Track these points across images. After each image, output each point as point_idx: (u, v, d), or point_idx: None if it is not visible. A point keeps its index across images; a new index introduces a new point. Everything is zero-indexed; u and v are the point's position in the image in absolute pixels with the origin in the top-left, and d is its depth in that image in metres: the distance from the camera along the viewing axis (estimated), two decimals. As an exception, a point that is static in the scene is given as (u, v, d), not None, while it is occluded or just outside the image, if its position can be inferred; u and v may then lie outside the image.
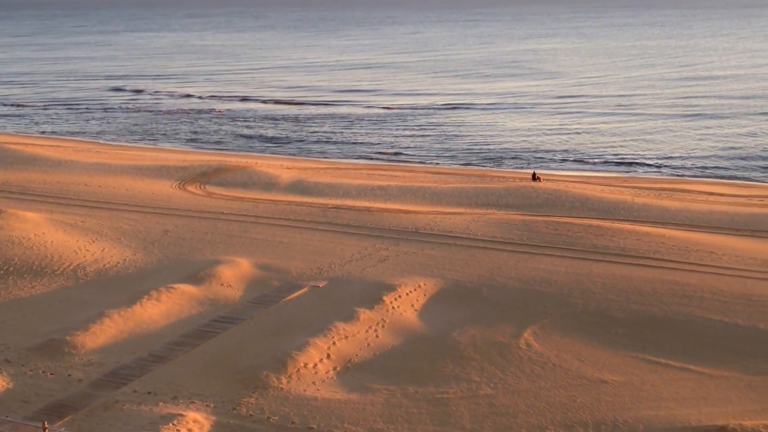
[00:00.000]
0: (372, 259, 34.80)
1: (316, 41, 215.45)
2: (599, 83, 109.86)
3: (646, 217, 41.18)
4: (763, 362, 24.76)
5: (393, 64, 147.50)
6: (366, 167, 60.70)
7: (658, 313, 28.29)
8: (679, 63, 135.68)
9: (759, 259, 33.67)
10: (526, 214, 42.40)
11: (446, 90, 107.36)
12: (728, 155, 63.47)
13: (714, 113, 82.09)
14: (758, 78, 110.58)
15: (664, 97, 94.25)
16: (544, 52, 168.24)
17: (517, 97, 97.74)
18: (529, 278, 31.81)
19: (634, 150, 67.19)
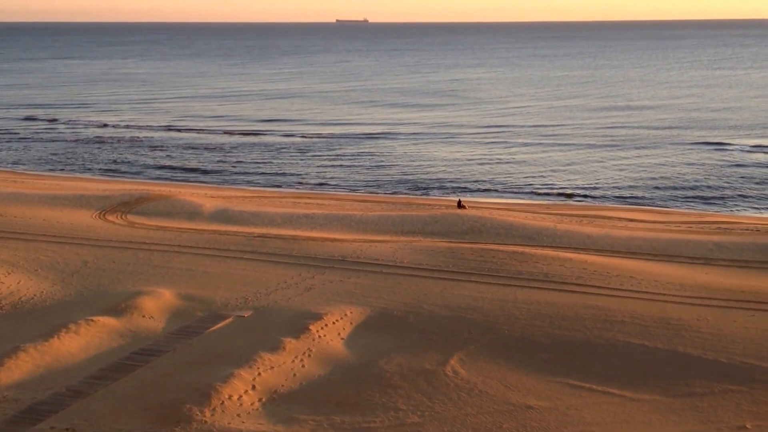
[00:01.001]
0: (298, 287, 34.51)
1: (243, 69, 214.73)
2: (523, 113, 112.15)
3: (569, 244, 41.93)
4: (682, 385, 25.31)
5: (320, 92, 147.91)
6: (292, 195, 60.44)
7: (581, 337, 28.72)
8: (599, 93, 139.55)
9: (676, 283, 34.57)
10: (452, 241, 42.73)
11: (373, 119, 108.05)
12: (646, 183, 65.32)
13: (633, 143, 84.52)
14: (675, 108, 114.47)
15: (585, 127, 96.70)
16: (470, 81, 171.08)
17: (444, 127, 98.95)
18: (455, 305, 31.97)
19: (557, 179, 68.59)
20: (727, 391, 24.80)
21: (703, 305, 31.69)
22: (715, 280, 35.27)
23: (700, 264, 38.21)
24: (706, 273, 36.56)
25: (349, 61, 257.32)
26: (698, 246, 40.82)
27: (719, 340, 28.16)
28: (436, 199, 59.73)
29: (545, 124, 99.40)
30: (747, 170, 69.23)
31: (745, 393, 24.64)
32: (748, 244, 40.80)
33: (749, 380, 25.40)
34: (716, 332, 28.76)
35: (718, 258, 39.06)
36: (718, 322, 29.65)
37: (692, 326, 29.29)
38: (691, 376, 25.84)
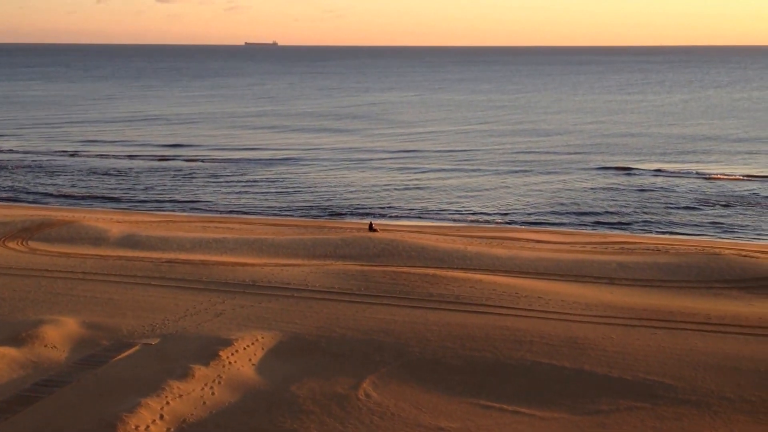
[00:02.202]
0: (208, 313, 33.90)
1: (153, 92, 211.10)
2: (435, 137, 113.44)
3: (479, 265, 42.51)
4: (588, 402, 25.86)
5: (232, 116, 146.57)
6: (202, 220, 59.48)
7: (491, 358, 29.07)
8: (508, 118, 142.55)
9: (582, 303, 35.43)
10: (364, 264, 42.77)
11: (286, 143, 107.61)
12: (552, 206, 66.96)
13: (540, 168, 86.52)
14: (580, 133, 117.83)
15: (494, 152, 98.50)
16: (383, 105, 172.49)
17: (356, 152, 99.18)
18: (367, 328, 31.95)
19: (467, 203, 69.62)
20: (631, 407, 25.46)
21: (608, 324, 32.56)
22: (618, 299, 36.30)
23: (604, 283, 39.28)
24: (611, 292, 37.61)
25: (261, 84, 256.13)
26: (602, 266, 41.98)
27: (623, 357, 28.93)
28: (347, 223, 59.76)
29: (456, 149, 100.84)
30: (648, 194, 71.73)
31: (649, 409, 25.34)
32: (649, 264, 42.18)
33: (652, 396, 26.15)
34: (621, 350, 29.55)
35: (621, 277, 40.24)
36: (622, 341, 30.48)
37: (598, 345, 30.02)
38: (597, 393, 26.45)
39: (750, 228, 58.95)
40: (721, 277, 39.85)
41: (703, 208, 65.25)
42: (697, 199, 68.58)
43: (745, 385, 26.72)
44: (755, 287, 38.48)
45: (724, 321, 32.77)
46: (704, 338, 30.77)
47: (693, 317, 33.29)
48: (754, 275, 39.99)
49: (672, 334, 31.29)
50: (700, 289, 38.47)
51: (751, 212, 63.69)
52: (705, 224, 60.35)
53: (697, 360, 28.67)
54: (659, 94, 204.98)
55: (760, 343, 30.26)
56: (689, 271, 40.79)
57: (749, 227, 59.15)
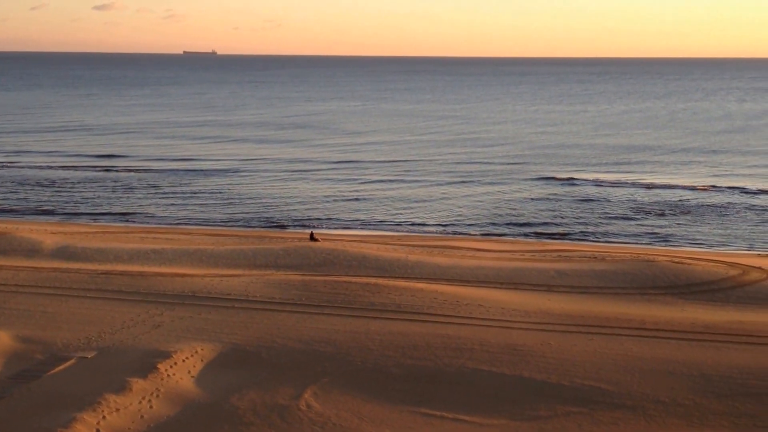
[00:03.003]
0: (145, 325, 33.39)
1: (91, 101, 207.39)
2: (376, 147, 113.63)
3: (420, 274, 42.73)
4: (528, 408, 26.19)
5: (173, 125, 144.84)
6: (140, 230, 58.57)
7: (433, 366, 29.24)
8: (449, 128, 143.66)
9: (521, 310, 35.87)
10: (305, 273, 42.64)
11: (227, 153, 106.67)
12: (492, 215, 67.78)
13: (480, 178, 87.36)
14: (520, 143, 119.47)
15: (435, 162, 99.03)
16: (325, 114, 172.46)
17: (297, 162, 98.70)
18: (309, 338, 31.85)
19: (409, 212, 69.99)
20: (569, 413, 25.86)
21: (547, 330, 33.03)
22: (557, 306, 36.87)
23: (543, 291, 39.84)
24: (549, 299, 38.17)
25: (201, 93, 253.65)
26: (541, 274, 42.59)
27: (562, 364, 29.38)
28: (288, 233, 59.53)
29: (398, 159, 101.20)
30: (585, 203, 73.06)
31: (586, 414, 25.78)
32: (586, 271, 42.94)
33: (589, 402, 26.61)
34: (559, 356, 30.00)
35: (559, 285, 40.86)
36: (560, 347, 30.95)
37: (537, 351, 30.44)
38: (536, 399, 26.81)
39: (682, 236, 60.46)
40: (655, 284, 40.77)
41: (639, 217, 66.72)
42: (633, 208, 70.09)
43: (678, 389, 27.37)
44: (687, 293, 39.48)
45: (658, 326, 33.53)
46: (639, 343, 31.43)
47: (628, 323, 33.98)
48: (686, 281, 41.02)
49: (608, 339, 31.88)
50: (635, 295, 39.30)
51: (684, 220, 65.35)
52: (640, 232, 61.69)
53: (632, 365, 29.26)
54: (598, 105, 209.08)
55: (693, 347, 31.03)
56: (625, 278, 41.65)
57: (682, 235, 60.67)
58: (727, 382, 27.76)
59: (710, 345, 31.22)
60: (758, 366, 28.89)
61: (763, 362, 29.23)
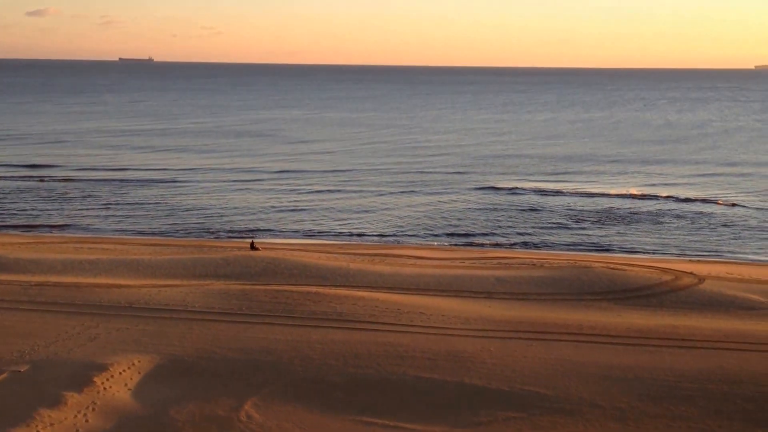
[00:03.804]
0: (81, 338, 32.68)
1: (25, 108, 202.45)
2: (318, 158, 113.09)
3: (361, 282, 42.73)
4: (469, 414, 26.38)
5: (111, 133, 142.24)
6: (75, 240, 57.32)
7: (374, 374, 29.24)
8: (390, 138, 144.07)
9: (462, 317, 36.14)
10: (245, 283, 42.27)
11: (167, 162, 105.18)
12: (433, 224, 68.19)
13: (421, 187, 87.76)
14: (460, 152, 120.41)
15: (377, 172, 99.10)
16: (266, 122, 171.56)
17: (239, 172, 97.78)
18: (249, 348, 31.57)
19: (349, 221, 70.00)
20: (509, 418, 26.13)
21: (487, 337, 33.33)
22: (496, 312, 37.23)
23: (483, 298, 40.22)
24: (489, 306, 38.53)
25: (140, 101, 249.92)
26: (481, 281, 42.98)
27: (501, 369, 29.68)
28: (228, 242, 58.95)
29: (339, 169, 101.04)
30: (524, 211, 74.05)
31: (525, 419, 26.08)
32: (525, 278, 43.49)
33: (528, 406, 26.92)
34: (499, 362, 30.30)
35: (499, 291, 41.30)
36: (500, 353, 31.26)
37: (477, 358, 30.69)
38: (477, 405, 27.02)
39: (618, 243, 61.67)
40: (591, 290, 41.50)
41: (576, 225, 67.86)
42: (571, 216, 71.25)
43: (614, 393, 27.87)
44: (623, 298, 40.28)
45: (594, 331, 34.11)
46: (576, 348, 31.93)
47: (566, 328, 34.50)
48: (622, 287, 41.85)
49: (547, 345, 32.32)
50: (572, 301, 39.94)
51: (619, 227, 66.69)
52: (578, 240, 62.76)
53: (570, 369, 29.71)
54: (540, 115, 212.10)
55: (628, 351, 31.64)
56: (563, 284, 42.30)
57: (618, 242, 61.88)
58: (662, 385, 28.37)
59: (645, 349, 31.89)
60: (691, 369, 29.60)
61: (695, 365, 29.97)
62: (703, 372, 29.26)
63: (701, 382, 28.50)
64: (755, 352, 31.52)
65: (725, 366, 29.79)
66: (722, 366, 29.78)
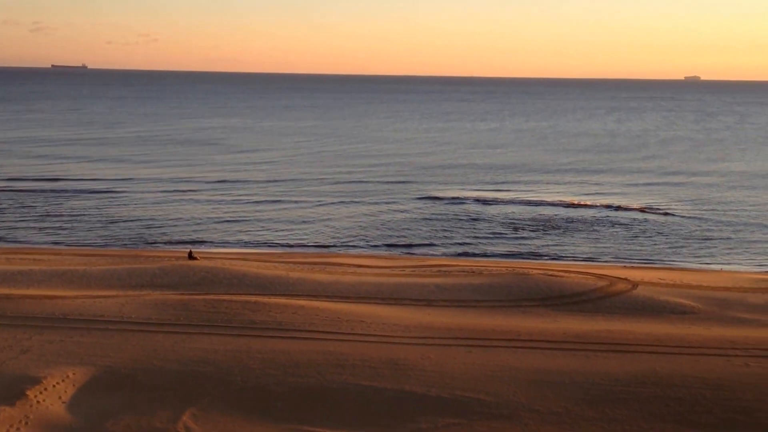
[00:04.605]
0: (12, 350, 31.85)
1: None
2: (258, 167, 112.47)
3: (301, 291, 42.60)
4: (409, 422, 26.49)
5: (44, 142, 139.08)
6: (5, 251, 55.85)
7: (315, 383, 29.16)
8: (330, 147, 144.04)
9: (402, 325, 36.29)
10: (183, 293, 41.76)
11: (103, 171, 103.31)
12: (373, 233, 68.48)
13: (361, 196, 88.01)
14: (400, 162, 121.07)
15: (318, 182, 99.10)
16: (206, 131, 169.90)
17: (177, 182, 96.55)
18: (187, 359, 31.19)
19: (290, 230, 69.73)
20: (449, 425, 26.31)
21: (427, 344, 33.52)
22: (436, 320, 37.48)
23: (423, 305, 40.46)
24: (429, 314, 38.78)
25: (75, 109, 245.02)
26: (421, 288, 43.24)
27: (441, 376, 29.87)
28: (165, 251, 58.15)
29: (279, 179, 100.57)
30: (463, 219, 74.80)
31: (465, 425, 26.29)
32: (464, 285, 43.90)
33: (468, 413, 27.15)
34: (438, 369, 30.50)
35: (438, 299, 41.60)
36: (440, 360, 31.47)
37: (417, 365, 30.84)
38: (417, 413, 27.15)
39: (555, 250, 62.72)
40: (529, 296, 42.10)
41: (514, 233, 68.82)
42: (509, 224, 72.20)
43: (551, 397, 28.30)
44: (559, 304, 40.96)
45: (532, 337, 34.59)
46: (515, 354, 32.33)
47: (504, 334, 34.90)
48: (558, 293, 42.56)
49: (486, 351, 32.65)
50: (511, 307, 40.45)
51: (556, 235, 67.83)
52: (515, 247, 63.64)
53: (508, 375, 30.06)
54: (478, 123, 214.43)
55: (565, 356, 32.16)
56: (501, 291, 42.81)
57: (554, 249, 62.92)
58: (597, 389, 28.90)
59: (581, 354, 32.45)
60: (625, 372, 30.22)
61: (629, 369, 30.60)
62: (636, 375, 29.89)
63: (635, 385, 29.11)
64: (686, 356, 32.31)
65: (658, 369, 30.47)
66: (655, 369, 30.46)
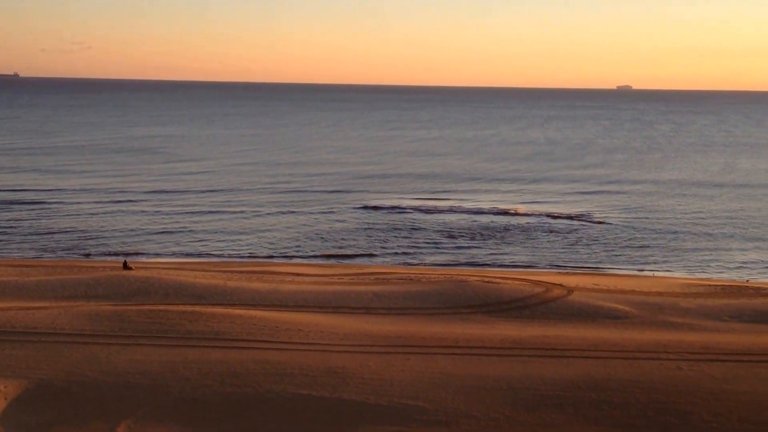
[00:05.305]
0: (-60, 365, 30.91)
1: None
2: (194, 177, 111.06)
3: (239, 300, 42.28)
4: (348, 429, 26.50)
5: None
6: (-67, 263, 54.29)
7: (253, 393, 28.95)
8: (268, 156, 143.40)
9: (341, 333, 36.29)
10: (118, 303, 41.06)
11: (36, 182, 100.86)
12: (312, 241, 68.38)
13: (300, 205, 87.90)
14: (340, 171, 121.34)
15: (254, 191, 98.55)
16: (144, 139, 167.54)
17: (113, 192, 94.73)
18: (122, 370, 30.67)
19: (228, 238, 69.20)
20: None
21: (366, 352, 33.57)
22: (375, 327, 37.57)
23: (361, 313, 40.52)
24: (367, 321, 38.85)
25: (9, 117, 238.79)
26: (360, 296, 43.31)
27: (380, 384, 29.94)
28: (99, 262, 57.13)
29: (216, 189, 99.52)
30: (401, 228, 75.24)
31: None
32: (403, 293, 44.11)
33: (407, 420, 27.26)
34: (377, 377, 30.57)
35: (377, 307, 41.72)
36: (378, 368, 31.54)
37: (356, 373, 30.85)
38: (355, 421, 27.16)
39: (493, 257, 63.51)
40: (467, 303, 42.51)
41: (453, 240, 69.44)
42: (447, 232, 72.84)
43: (489, 403, 28.60)
44: (497, 311, 41.47)
45: (470, 343, 34.93)
46: (453, 361, 32.59)
47: (443, 341, 35.16)
48: (495, 299, 43.07)
49: (424, 358, 32.84)
50: (449, 314, 40.79)
51: (492, 242, 68.69)
52: (454, 254, 64.23)
53: (447, 382, 30.28)
54: (417, 131, 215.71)
55: (502, 362, 32.55)
56: (439, 298, 43.14)
57: (492, 256, 63.71)
58: (534, 394, 29.31)
59: (518, 359, 32.88)
60: (561, 377, 30.71)
61: (565, 373, 31.12)
62: (572, 380, 30.40)
63: (571, 389, 29.59)
64: (621, 360, 32.98)
65: (592, 374, 31.04)
66: (590, 374, 31.02)
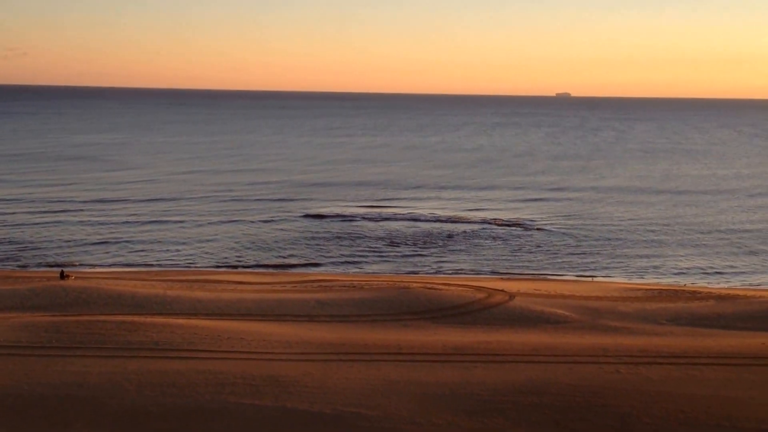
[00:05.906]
0: None
1: None
2: (134, 186, 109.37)
3: (179, 309, 41.74)
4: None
5: None
6: None
7: (193, 403, 28.57)
8: (212, 165, 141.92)
9: (283, 341, 36.08)
10: (55, 314, 40.17)
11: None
12: (254, 249, 67.96)
13: (243, 216, 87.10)
14: (283, 179, 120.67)
15: (198, 200, 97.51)
16: (85, 147, 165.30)
17: (51, 201, 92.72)
18: (60, 382, 29.99)
19: (168, 248, 68.30)
20: (331, 439, 26.28)
21: (309, 360, 33.43)
22: (318, 335, 37.45)
23: (304, 321, 40.36)
24: (310, 329, 38.71)
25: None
26: (303, 304, 43.13)
27: (324, 392, 29.82)
28: (36, 272, 55.87)
29: (157, 198, 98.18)
30: (343, 236, 75.22)
31: (349, 439, 26.32)
32: (346, 300, 44.08)
33: (351, 427, 27.18)
34: (320, 385, 30.45)
35: (320, 314, 41.60)
36: (321, 375, 31.43)
37: (299, 381, 30.68)
38: (299, 429, 26.96)
39: (435, 263, 63.86)
40: (410, 309, 42.66)
41: (395, 247, 69.64)
42: (390, 239, 73.03)
43: (432, 409, 28.69)
44: (439, 317, 41.71)
45: (413, 350, 35.03)
46: (396, 367, 32.65)
47: (386, 348, 35.22)
48: (438, 306, 43.32)
49: (368, 365, 32.83)
50: (392, 321, 40.88)
51: (435, 249, 69.08)
52: (397, 261, 64.39)
53: (390, 389, 30.31)
54: (360, 138, 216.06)
55: (444, 368, 32.73)
56: (382, 305, 43.21)
57: (435, 263, 64.07)
58: (476, 399, 29.50)
59: (460, 365, 33.09)
60: (502, 382, 30.99)
61: (506, 378, 31.42)
62: (514, 385, 30.69)
63: (512, 394, 29.87)
64: (561, 364, 33.44)
65: (534, 378, 31.40)
66: (531, 378, 31.37)
